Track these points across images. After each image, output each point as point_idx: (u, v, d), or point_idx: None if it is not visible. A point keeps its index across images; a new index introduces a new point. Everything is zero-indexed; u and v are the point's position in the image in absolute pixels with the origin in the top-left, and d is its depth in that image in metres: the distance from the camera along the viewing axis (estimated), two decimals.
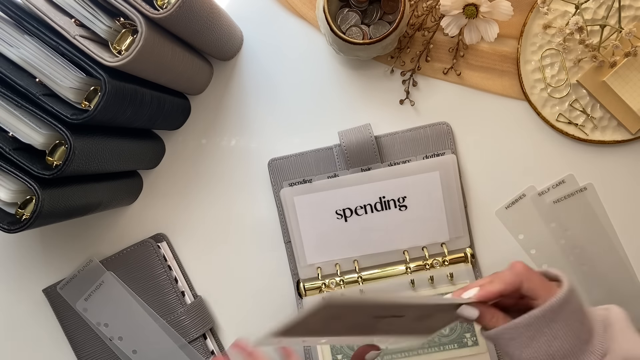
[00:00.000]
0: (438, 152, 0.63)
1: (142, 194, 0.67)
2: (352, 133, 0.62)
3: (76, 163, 0.49)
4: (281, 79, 0.65)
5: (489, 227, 0.63)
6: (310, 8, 0.64)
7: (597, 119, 0.61)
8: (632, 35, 0.54)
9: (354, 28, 0.61)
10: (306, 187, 0.63)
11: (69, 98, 0.48)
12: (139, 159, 0.62)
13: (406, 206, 0.62)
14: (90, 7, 0.48)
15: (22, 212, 0.50)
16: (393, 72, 0.64)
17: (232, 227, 0.66)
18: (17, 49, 0.48)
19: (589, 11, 0.59)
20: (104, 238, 0.67)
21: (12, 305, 0.68)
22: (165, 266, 0.64)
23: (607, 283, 0.62)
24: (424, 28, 0.62)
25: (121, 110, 0.51)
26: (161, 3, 0.49)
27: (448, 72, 0.63)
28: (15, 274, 0.68)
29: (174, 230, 0.67)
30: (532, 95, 0.62)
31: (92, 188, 0.56)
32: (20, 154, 0.49)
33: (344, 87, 0.65)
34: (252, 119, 0.66)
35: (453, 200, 0.62)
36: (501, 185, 0.63)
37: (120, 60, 0.47)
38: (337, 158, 0.64)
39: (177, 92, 0.63)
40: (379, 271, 0.63)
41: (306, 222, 0.63)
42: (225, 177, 0.66)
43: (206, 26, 0.54)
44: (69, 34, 0.47)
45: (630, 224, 0.62)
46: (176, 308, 0.64)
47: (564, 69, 0.61)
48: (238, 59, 0.66)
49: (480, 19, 0.55)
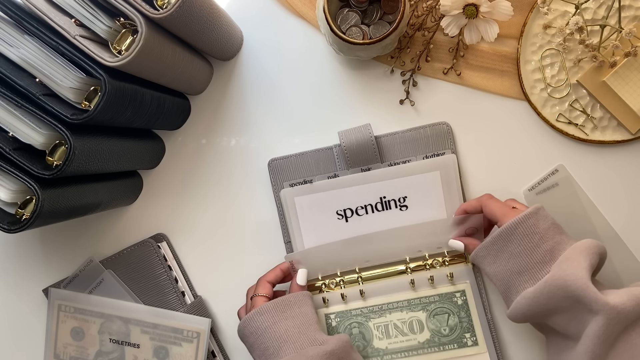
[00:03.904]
0: (438, 152, 0.63)
1: (142, 194, 0.67)
2: (352, 133, 0.62)
3: (76, 163, 0.49)
4: (281, 79, 0.65)
5: None
6: (310, 8, 0.64)
7: (597, 119, 0.61)
8: (632, 35, 0.54)
9: (354, 28, 0.61)
10: (307, 188, 0.63)
11: (69, 98, 0.48)
12: (139, 159, 0.62)
13: (407, 206, 0.62)
14: (90, 7, 0.48)
15: (22, 212, 0.50)
16: (393, 72, 0.64)
17: (232, 227, 0.66)
18: (17, 49, 0.48)
19: (589, 11, 0.59)
20: (104, 238, 0.67)
21: (12, 305, 0.68)
22: (166, 266, 0.64)
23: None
24: (424, 28, 0.62)
25: (121, 110, 0.51)
26: (161, 3, 0.49)
27: (448, 72, 0.63)
28: (15, 274, 0.68)
29: (174, 230, 0.67)
30: (532, 95, 0.62)
31: (92, 188, 0.56)
32: (20, 154, 0.49)
33: (344, 87, 0.65)
34: (252, 119, 0.66)
35: (453, 200, 0.62)
36: (501, 185, 0.63)
37: (120, 60, 0.47)
38: (337, 158, 0.64)
39: (177, 92, 0.63)
40: (379, 271, 0.63)
41: (307, 223, 0.63)
42: (225, 177, 0.66)
43: (206, 26, 0.54)
44: (69, 34, 0.47)
45: (631, 224, 0.62)
46: (176, 308, 0.64)
47: (564, 69, 0.61)
48: (238, 59, 0.66)
49: (480, 19, 0.55)
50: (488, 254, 0.55)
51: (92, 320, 0.64)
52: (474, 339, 0.61)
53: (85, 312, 0.64)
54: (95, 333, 0.64)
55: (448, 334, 0.62)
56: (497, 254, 0.54)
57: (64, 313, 0.65)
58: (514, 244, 0.53)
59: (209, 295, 0.66)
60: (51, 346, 0.65)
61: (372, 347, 0.62)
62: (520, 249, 0.52)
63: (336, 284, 0.63)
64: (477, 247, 0.56)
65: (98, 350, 0.64)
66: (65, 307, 0.65)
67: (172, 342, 0.63)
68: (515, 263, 0.53)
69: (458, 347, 0.61)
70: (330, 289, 0.63)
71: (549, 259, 0.51)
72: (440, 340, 0.62)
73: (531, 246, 0.52)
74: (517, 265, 0.52)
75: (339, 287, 0.63)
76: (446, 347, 0.62)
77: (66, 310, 0.65)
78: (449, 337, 0.62)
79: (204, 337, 0.63)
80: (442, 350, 0.62)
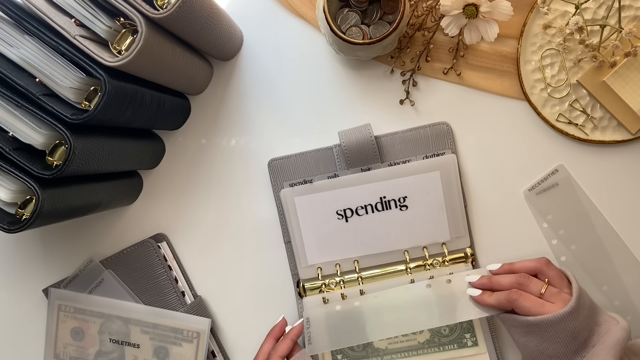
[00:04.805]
0: (438, 152, 0.63)
1: (142, 194, 0.67)
2: (352, 133, 0.62)
3: (76, 163, 0.49)
4: (281, 79, 0.65)
5: (489, 226, 0.63)
6: (310, 8, 0.64)
7: (597, 119, 0.61)
8: (632, 35, 0.54)
9: (354, 28, 0.61)
10: (307, 188, 0.63)
11: (69, 98, 0.48)
12: (139, 159, 0.62)
13: (407, 206, 0.62)
14: (90, 7, 0.48)
15: (22, 212, 0.50)
16: (393, 72, 0.64)
17: (232, 227, 0.66)
18: (17, 49, 0.48)
19: (589, 11, 0.59)
20: (104, 238, 0.67)
21: (12, 305, 0.68)
22: (166, 266, 0.64)
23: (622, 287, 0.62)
24: (424, 28, 0.62)
25: (121, 110, 0.51)
26: (161, 3, 0.49)
27: (448, 72, 0.63)
28: (15, 274, 0.68)
29: (174, 230, 0.67)
30: (532, 95, 0.62)
31: (92, 188, 0.56)
32: (20, 154, 0.49)
33: (344, 87, 0.65)
34: (252, 119, 0.66)
35: (454, 200, 0.62)
36: (501, 185, 0.63)
37: (120, 60, 0.47)
38: (337, 158, 0.64)
39: (177, 92, 0.63)
40: (379, 271, 0.63)
41: (307, 223, 0.63)
42: (225, 177, 0.66)
43: (206, 26, 0.54)
44: (69, 34, 0.47)
45: (631, 224, 0.62)
46: (176, 308, 0.64)
47: (564, 69, 0.61)
48: (238, 59, 0.66)
49: (480, 19, 0.55)
50: (519, 328, 0.54)
51: (92, 320, 0.64)
52: (474, 340, 0.61)
53: (85, 312, 0.64)
54: (95, 333, 0.64)
55: (448, 334, 0.62)
56: (529, 334, 0.53)
57: (64, 313, 0.65)
58: (550, 334, 0.51)
59: (209, 295, 0.66)
60: (51, 346, 0.65)
61: (372, 347, 0.62)
62: (555, 339, 0.51)
63: (336, 284, 0.63)
64: (508, 315, 0.54)
65: (98, 350, 0.64)
66: (65, 307, 0.65)
67: (172, 342, 0.63)
68: (547, 347, 0.51)
69: (458, 348, 0.61)
70: (330, 289, 0.63)
71: (581, 349, 0.51)
72: (440, 341, 0.62)
73: (567, 340, 0.51)
74: (549, 350, 0.52)
75: (339, 287, 0.63)
76: (446, 347, 0.62)
77: (66, 310, 0.65)
78: (449, 337, 0.62)
79: (204, 337, 0.63)
80: (442, 351, 0.62)
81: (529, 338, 0.52)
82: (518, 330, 0.53)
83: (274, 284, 0.65)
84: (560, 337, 0.51)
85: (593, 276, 0.62)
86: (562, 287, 0.53)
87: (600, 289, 0.62)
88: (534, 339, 0.52)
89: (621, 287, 0.62)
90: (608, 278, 0.62)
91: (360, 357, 0.62)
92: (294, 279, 0.65)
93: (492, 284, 0.56)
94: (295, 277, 0.65)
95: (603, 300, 0.62)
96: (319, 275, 0.63)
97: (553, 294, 0.53)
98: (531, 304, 0.52)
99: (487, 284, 0.57)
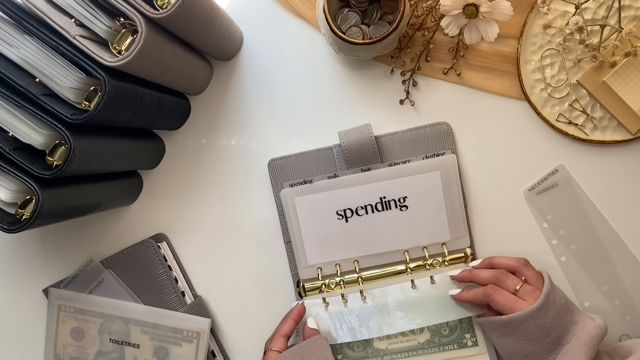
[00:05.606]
0: (438, 152, 0.63)
1: (142, 194, 0.67)
2: (352, 133, 0.62)
3: (76, 163, 0.49)
4: (281, 79, 0.65)
5: (489, 227, 0.63)
6: (310, 8, 0.64)
7: (597, 119, 0.61)
8: (632, 35, 0.54)
9: (354, 28, 0.61)
10: (307, 188, 0.63)
11: (69, 98, 0.48)
12: (139, 159, 0.62)
13: (407, 206, 0.62)
14: (90, 7, 0.48)
15: (22, 212, 0.50)
16: (393, 72, 0.64)
17: (232, 227, 0.66)
18: (17, 49, 0.48)
19: (589, 11, 0.59)
20: (104, 238, 0.67)
21: (11, 305, 0.68)
22: (166, 266, 0.64)
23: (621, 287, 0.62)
24: (424, 28, 0.62)
25: (121, 110, 0.51)
26: (161, 3, 0.49)
27: (448, 72, 0.63)
28: (15, 274, 0.68)
29: (174, 230, 0.67)
30: (532, 95, 0.62)
31: (92, 188, 0.56)
32: (20, 154, 0.49)
33: (344, 87, 0.65)
34: (252, 119, 0.66)
35: (454, 200, 0.62)
36: (501, 185, 0.63)
37: (120, 60, 0.47)
38: (337, 158, 0.64)
39: (177, 92, 0.63)
40: (379, 271, 0.63)
41: (307, 223, 0.63)
42: (225, 177, 0.66)
43: (206, 26, 0.54)
44: (69, 34, 0.47)
45: (631, 224, 0.62)
46: (176, 308, 0.64)
47: (564, 69, 0.61)
48: (238, 59, 0.66)
49: (480, 19, 0.55)
50: (496, 330, 0.56)
51: (92, 320, 0.64)
52: (474, 340, 0.61)
53: (85, 312, 0.64)
54: (95, 333, 0.64)
55: (448, 335, 0.62)
56: (505, 334, 0.55)
57: (64, 313, 0.65)
58: (522, 332, 0.53)
59: (209, 295, 0.66)
60: (51, 346, 0.65)
61: (372, 348, 0.62)
62: (528, 337, 0.53)
63: (336, 284, 0.63)
64: (485, 319, 0.57)
65: (98, 350, 0.64)
66: (65, 307, 0.65)
67: (172, 342, 0.63)
68: (523, 347, 0.54)
69: (458, 348, 0.61)
70: (330, 289, 0.63)
71: (555, 346, 0.53)
72: (440, 341, 0.62)
73: (539, 337, 0.53)
74: (524, 349, 0.54)
75: (339, 287, 0.63)
76: (446, 347, 0.62)
77: (66, 310, 0.65)
78: (449, 337, 0.62)
79: (204, 337, 0.63)
80: (442, 351, 0.62)
81: (506, 339, 0.55)
82: (495, 333, 0.56)
83: (274, 284, 0.65)
84: (532, 335, 0.53)
85: (593, 276, 0.62)
86: (538, 287, 0.55)
87: (600, 289, 0.62)
88: (510, 339, 0.54)
89: (621, 287, 0.62)
90: (608, 278, 0.62)
91: (360, 357, 0.62)
92: (294, 279, 0.65)
93: (472, 276, 0.58)
94: (295, 277, 0.65)
95: (603, 300, 0.62)
96: (319, 276, 0.63)
97: (527, 291, 0.55)
98: (505, 300, 0.54)
99: (468, 276, 0.59)
